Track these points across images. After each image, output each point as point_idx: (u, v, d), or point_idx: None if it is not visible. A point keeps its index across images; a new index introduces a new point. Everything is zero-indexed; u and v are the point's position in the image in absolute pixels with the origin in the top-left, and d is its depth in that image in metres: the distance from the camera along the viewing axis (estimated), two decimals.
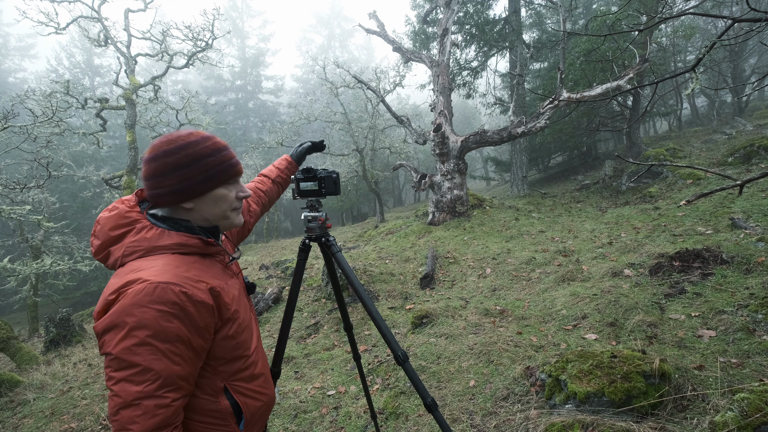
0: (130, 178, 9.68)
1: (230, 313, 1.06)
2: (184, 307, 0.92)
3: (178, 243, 1.02)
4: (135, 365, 0.87)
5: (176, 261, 0.99)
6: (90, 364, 5.16)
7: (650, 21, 4.96)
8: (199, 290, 0.97)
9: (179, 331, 0.91)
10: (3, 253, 12.92)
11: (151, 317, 0.88)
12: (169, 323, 0.90)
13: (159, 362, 0.89)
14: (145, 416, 0.87)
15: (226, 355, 1.06)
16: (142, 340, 0.87)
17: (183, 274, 0.97)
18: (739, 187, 1.74)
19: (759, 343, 2.42)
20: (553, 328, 3.34)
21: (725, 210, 5.39)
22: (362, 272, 5.46)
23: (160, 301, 0.90)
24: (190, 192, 1.04)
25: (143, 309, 0.88)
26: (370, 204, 28.05)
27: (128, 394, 0.87)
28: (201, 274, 1.02)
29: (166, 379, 0.89)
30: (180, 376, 0.92)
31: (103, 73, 32.28)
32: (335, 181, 1.66)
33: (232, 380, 1.08)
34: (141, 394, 0.87)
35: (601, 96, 7.55)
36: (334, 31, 47.81)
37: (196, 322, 0.95)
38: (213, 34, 11.03)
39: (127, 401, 0.87)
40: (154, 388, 0.88)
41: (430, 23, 13.38)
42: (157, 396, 0.88)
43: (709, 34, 17.02)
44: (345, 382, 3.27)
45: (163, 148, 1.02)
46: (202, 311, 0.96)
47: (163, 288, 0.91)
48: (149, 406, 0.87)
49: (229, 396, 1.07)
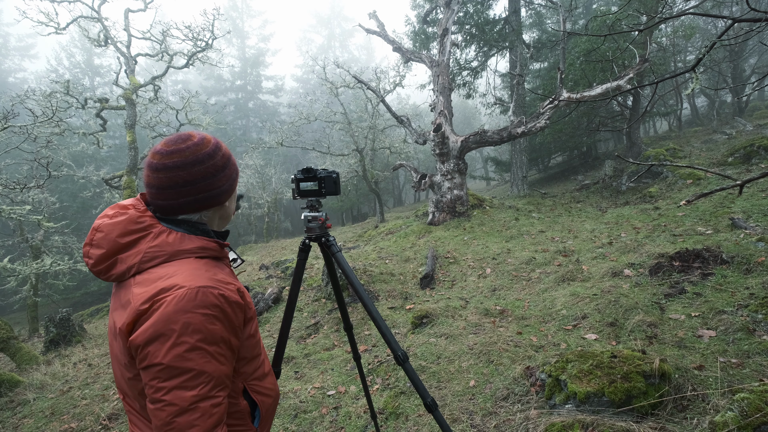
0: (130, 178, 9.68)
1: (252, 312, 1.08)
2: (223, 309, 0.94)
3: (200, 246, 1.02)
4: (189, 370, 0.87)
5: (203, 265, 0.99)
6: (90, 364, 5.16)
7: (650, 21, 4.96)
8: (231, 291, 0.98)
9: (222, 332, 0.93)
10: (3, 253, 12.92)
11: (198, 322, 0.89)
12: (213, 326, 0.91)
13: (210, 364, 0.90)
14: (204, 417, 0.88)
15: (248, 355, 1.08)
16: (193, 345, 0.88)
17: (214, 277, 0.97)
18: (739, 187, 1.74)
19: (759, 343, 2.42)
20: (553, 328, 3.34)
21: (725, 210, 5.39)
22: (362, 272, 5.46)
23: (204, 305, 0.90)
24: (232, 190, 1.10)
25: (189, 314, 0.88)
26: (370, 204, 28.05)
27: (184, 400, 0.86)
28: (226, 276, 1.03)
29: (217, 380, 0.91)
30: (227, 375, 0.95)
31: (103, 73, 32.30)
32: (335, 181, 1.66)
33: (250, 380, 1.10)
34: (197, 398, 0.88)
35: (601, 96, 7.55)
36: (334, 31, 47.82)
37: (233, 322, 0.97)
38: (213, 34, 11.03)
39: (183, 407, 0.87)
40: (208, 389, 0.89)
41: (430, 23, 13.38)
42: (212, 396, 0.90)
43: (709, 34, 17.02)
44: (345, 382, 3.27)
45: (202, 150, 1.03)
46: (237, 311, 0.98)
47: (204, 292, 0.91)
48: (206, 407, 0.88)
49: (246, 396, 1.10)
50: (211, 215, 1.11)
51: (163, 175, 1.00)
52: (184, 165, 1.00)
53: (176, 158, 1.00)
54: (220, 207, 1.10)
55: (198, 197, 1.03)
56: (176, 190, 1.00)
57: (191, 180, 1.01)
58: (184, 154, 1.00)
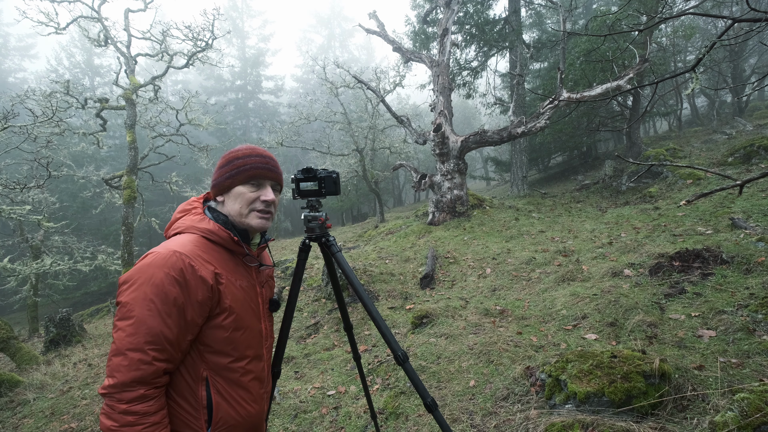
0: (130, 178, 9.67)
1: (226, 305, 1.12)
2: (186, 277, 1.04)
3: (210, 230, 1.16)
4: (133, 316, 0.99)
5: (199, 241, 1.13)
6: (90, 364, 5.16)
7: (650, 21, 4.96)
8: (204, 268, 1.08)
9: (177, 296, 1.02)
10: (3, 253, 12.90)
11: (159, 279, 1.01)
12: (171, 287, 1.02)
13: (153, 319, 0.99)
14: (129, 367, 0.96)
15: (215, 345, 1.11)
16: (146, 296, 1.00)
17: (198, 251, 1.10)
18: (739, 187, 1.74)
19: (759, 343, 2.42)
20: (553, 328, 3.34)
21: (725, 210, 5.39)
22: (362, 272, 5.46)
23: (170, 266, 1.03)
24: (220, 186, 1.23)
25: (155, 269, 1.02)
26: (370, 204, 28.05)
27: (120, 342, 0.98)
28: (214, 260, 1.13)
29: (154, 336, 0.99)
30: (167, 338, 1.01)
31: (103, 73, 32.28)
32: (335, 181, 1.65)
33: (215, 375, 1.11)
34: (129, 346, 0.97)
35: (601, 96, 7.55)
36: (334, 31, 47.80)
37: (194, 293, 1.05)
38: (213, 34, 11.02)
39: (119, 349, 0.98)
40: (142, 341, 0.97)
41: (430, 23, 13.38)
42: (142, 351, 0.97)
43: (709, 34, 17.01)
44: (345, 382, 3.27)
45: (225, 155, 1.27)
46: (201, 286, 1.06)
47: (177, 256, 1.05)
48: (133, 359, 0.97)
49: (208, 390, 1.10)
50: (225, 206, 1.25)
51: None
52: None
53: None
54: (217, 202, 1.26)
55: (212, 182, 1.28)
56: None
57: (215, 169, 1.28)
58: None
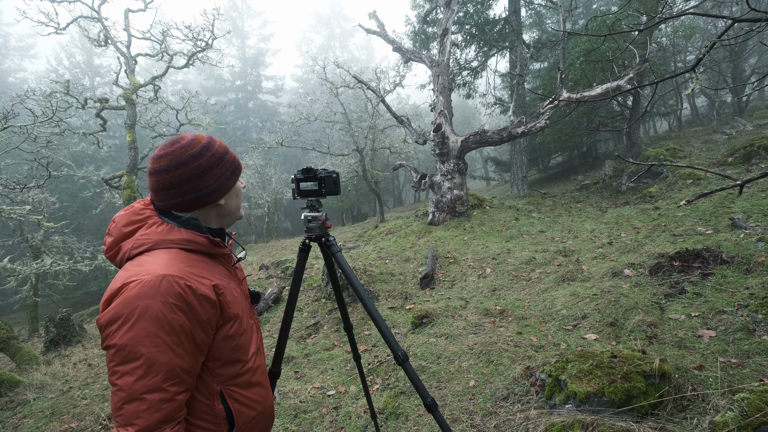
0: (130, 178, 9.67)
1: (231, 313, 1.07)
2: (187, 300, 0.93)
3: (186, 239, 1.04)
4: (140, 356, 0.87)
5: (181, 256, 1.01)
6: (90, 364, 5.16)
7: (650, 21, 4.96)
8: (202, 285, 0.98)
9: (183, 323, 0.92)
10: (3, 253, 12.90)
11: (157, 309, 0.89)
12: (174, 315, 0.90)
13: (163, 354, 0.88)
14: (150, 410, 0.86)
15: (224, 357, 1.06)
16: (148, 332, 0.87)
17: (187, 268, 0.98)
18: (739, 187, 1.74)
19: (759, 343, 2.42)
20: (553, 328, 3.34)
21: (725, 210, 5.39)
22: (362, 272, 5.46)
23: (165, 293, 0.90)
24: (225, 189, 1.11)
25: (149, 301, 0.88)
26: (370, 204, 28.05)
27: (132, 388, 0.86)
28: (204, 271, 1.03)
29: (170, 372, 0.89)
30: (183, 369, 0.92)
31: (103, 73, 32.28)
32: (335, 181, 1.66)
33: (228, 385, 1.08)
34: (146, 388, 0.86)
35: (601, 96, 7.55)
36: (334, 31, 47.81)
37: (199, 315, 0.95)
38: (213, 34, 11.02)
39: (131, 395, 0.86)
40: (159, 380, 0.87)
41: (430, 23, 13.38)
42: (161, 389, 0.88)
43: (709, 34, 17.01)
44: (345, 382, 3.27)
45: (187, 152, 1.05)
46: (205, 305, 0.97)
47: (168, 281, 0.92)
48: (154, 400, 0.86)
49: (224, 401, 1.07)
50: (205, 213, 1.12)
51: (153, 178, 1.05)
52: (168, 168, 1.04)
53: (163, 162, 1.04)
54: (215, 206, 1.12)
55: (185, 198, 1.06)
56: (165, 192, 1.05)
57: (176, 182, 1.04)
58: (170, 158, 1.04)
